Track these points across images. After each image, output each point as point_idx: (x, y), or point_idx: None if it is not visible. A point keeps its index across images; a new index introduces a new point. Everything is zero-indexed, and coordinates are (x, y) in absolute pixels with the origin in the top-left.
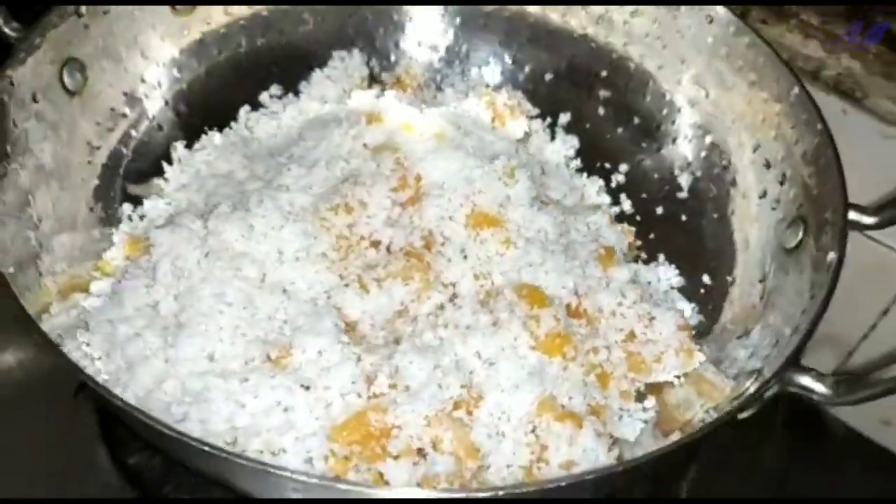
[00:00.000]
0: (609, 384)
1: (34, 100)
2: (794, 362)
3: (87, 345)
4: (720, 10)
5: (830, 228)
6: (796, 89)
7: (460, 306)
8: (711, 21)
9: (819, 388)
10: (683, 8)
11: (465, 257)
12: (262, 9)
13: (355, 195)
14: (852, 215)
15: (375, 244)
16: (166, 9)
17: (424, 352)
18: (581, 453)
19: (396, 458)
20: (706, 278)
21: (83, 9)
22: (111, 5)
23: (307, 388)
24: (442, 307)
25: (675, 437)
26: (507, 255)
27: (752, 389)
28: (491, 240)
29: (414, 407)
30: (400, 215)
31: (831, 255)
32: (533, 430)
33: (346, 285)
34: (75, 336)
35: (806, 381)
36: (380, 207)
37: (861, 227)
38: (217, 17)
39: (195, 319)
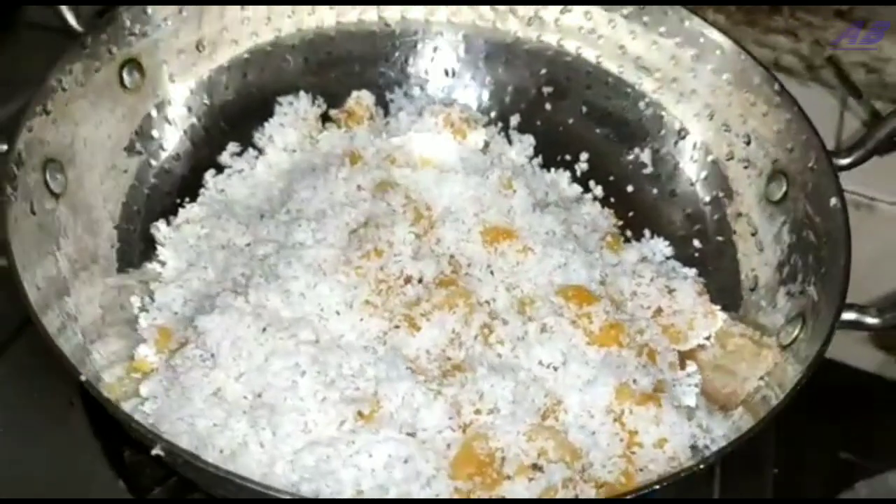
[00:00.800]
0: (657, 359)
1: (32, 212)
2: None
3: None
4: None
5: (816, 175)
6: (742, 56)
7: (506, 321)
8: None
9: (867, 319)
10: None
11: (492, 273)
12: (204, 69)
13: (381, 238)
14: None
15: (408, 280)
16: (119, 91)
17: (501, 372)
18: (669, 430)
19: (512, 478)
20: (696, 242)
21: (50, 104)
22: None
23: (413, 434)
24: (488, 326)
25: (740, 408)
26: (528, 262)
27: (803, 336)
28: (509, 251)
29: (512, 426)
30: (420, 247)
31: (833, 201)
32: (616, 420)
33: (397, 326)
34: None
35: (852, 316)
36: (405, 244)
37: (838, 169)
38: (164, 88)
39: (278, 396)
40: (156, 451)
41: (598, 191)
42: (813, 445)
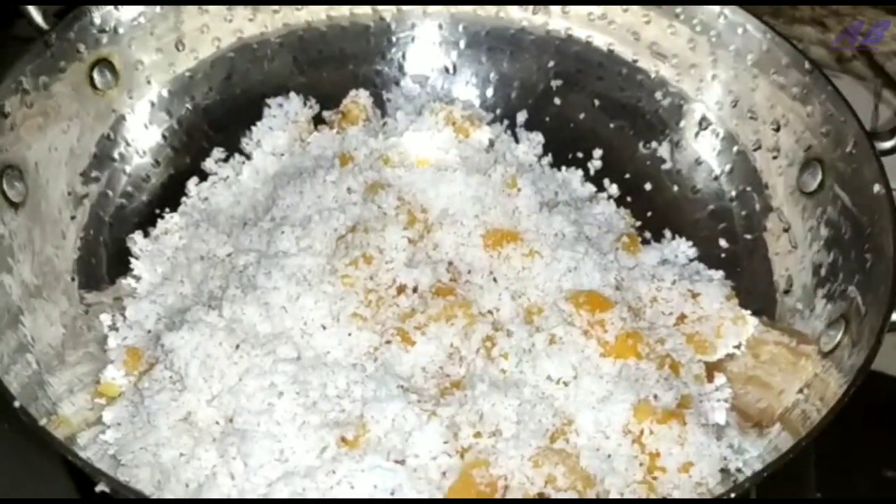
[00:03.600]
0: (680, 372)
1: None
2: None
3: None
4: None
5: (855, 161)
6: (768, 34)
7: (511, 332)
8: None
9: None
10: None
11: (496, 280)
12: (184, 69)
13: (371, 243)
14: None
15: (402, 289)
16: (90, 92)
17: (504, 389)
18: (695, 451)
19: None
20: (723, 242)
21: (7, 107)
22: None
23: (402, 461)
24: (490, 339)
25: (777, 425)
26: (535, 267)
27: (846, 342)
28: (514, 255)
29: (516, 451)
30: (415, 253)
31: (877, 188)
32: (635, 441)
33: (388, 342)
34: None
35: None
36: (397, 250)
37: (881, 154)
38: (140, 89)
39: (250, 421)
40: (100, 488)
41: (614, 189)
42: (855, 464)
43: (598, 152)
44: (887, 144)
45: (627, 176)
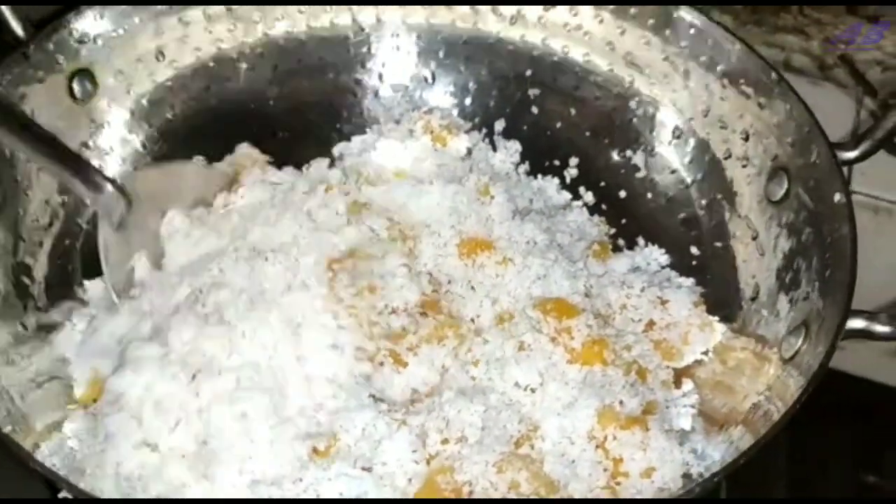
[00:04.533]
0: (648, 378)
1: None
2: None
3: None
4: None
5: (819, 170)
6: (738, 46)
7: (487, 340)
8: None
9: (877, 328)
10: None
11: (473, 288)
12: (164, 79)
13: (374, 271)
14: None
15: (395, 311)
16: (69, 102)
17: (471, 396)
18: (657, 457)
19: None
20: (694, 249)
21: None
22: None
23: (368, 469)
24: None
25: (739, 427)
26: (507, 275)
27: (806, 347)
28: (488, 263)
29: (480, 457)
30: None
31: (838, 196)
32: (599, 447)
33: (381, 364)
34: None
35: (860, 324)
36: (397, 276)
37: (845, 163)
38: (119, 99)
39: (223, 446)
40: (63, 495)
41: (589, 197)
42: (832, 467)
43: (574, 160)
44: (853, 154)
45: (602, 184)
